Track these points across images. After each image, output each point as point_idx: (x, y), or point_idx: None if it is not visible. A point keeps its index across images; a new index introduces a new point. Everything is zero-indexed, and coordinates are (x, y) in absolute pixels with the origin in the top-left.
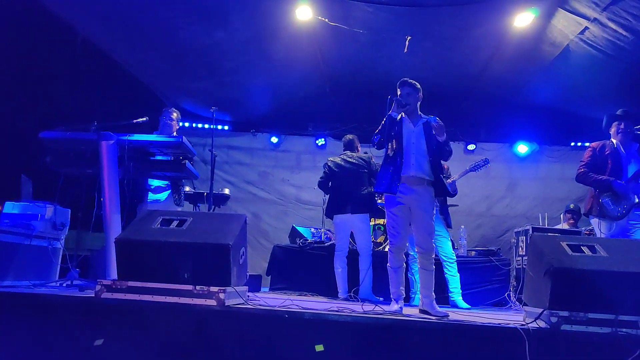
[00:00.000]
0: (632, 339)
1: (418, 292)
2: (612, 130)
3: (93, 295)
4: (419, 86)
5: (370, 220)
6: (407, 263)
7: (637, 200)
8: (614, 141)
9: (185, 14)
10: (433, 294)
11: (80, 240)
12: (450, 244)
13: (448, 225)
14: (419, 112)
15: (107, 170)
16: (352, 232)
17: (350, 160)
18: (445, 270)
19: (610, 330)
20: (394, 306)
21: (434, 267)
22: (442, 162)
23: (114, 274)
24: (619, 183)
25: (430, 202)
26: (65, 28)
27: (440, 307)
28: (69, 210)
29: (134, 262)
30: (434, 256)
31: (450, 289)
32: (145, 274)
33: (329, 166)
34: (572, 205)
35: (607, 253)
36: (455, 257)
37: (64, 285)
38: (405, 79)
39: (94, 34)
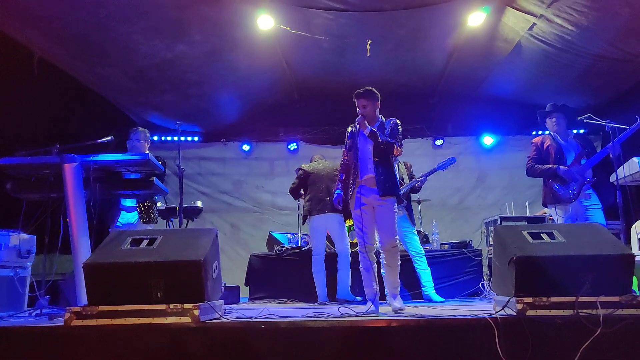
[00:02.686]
0: (592, 319)
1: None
2: (548, 125)
3: (62, 323)
4: (375, 92)
5: (345, 221)
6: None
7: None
8: (552, 133)
9: (144, 30)
10: (395, 288)
11: (49, 265)
12: (417, 238)
13: (412, 222)
14: (379, 117)
15: (72, 193)
16: (328, 235)
17: (325, 163)
18: (415, 265)
19: (572, 312)
20: (370, 306)
21: (398, 263)
22: (405, 161)
23: (84, 298)
24: (563, 168)
25: (388, 201)
26: (20, 49)
27: (414, 302)
28: (35, 236)
29: (104, 285)
30: (397, 254)
31: (423, 283)
32: (116, 297)
33: (303, 170)
34: None
35: (565, 238)
36: (424, 252)
37: (33, 314)
38: (358, 90)
39: (51, 54)
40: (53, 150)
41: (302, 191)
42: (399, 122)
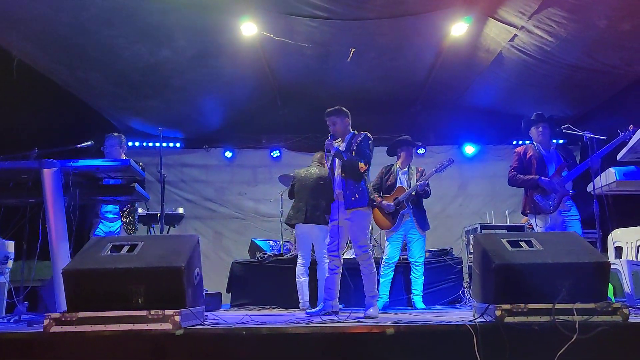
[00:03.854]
0: (568, 325)
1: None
2: (532, 134)
3: (42, 330)
4: (343, 110)
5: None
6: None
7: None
8: (535, 143)
9: (127, 34)
10: (371, 297)
11: (28, 271)
12: (420, 246)
13: (421, 228)
14: (352, 131)
15: (52, 198)
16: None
17: (312, 171)
18: (411, 272)
19: (549, 318)
20: (321, 306)
21: (373, 272)
22: (417, 166)
23: (64, 305)
24: (544, 179)
25: (358, 214)
26: None
27: (404, 308)
28: (13, 242)
29: (84, 292)
30: (370, 263)
31: (412, 290)
32: (96, 303)
33: (293, 177)
34: None
35: (542, 246)
36: (422, 261)
37: (12, 321)
38: (328, 109)
39: (30, 57)
40: (32, 155)
41: None
42: (369, 135)
